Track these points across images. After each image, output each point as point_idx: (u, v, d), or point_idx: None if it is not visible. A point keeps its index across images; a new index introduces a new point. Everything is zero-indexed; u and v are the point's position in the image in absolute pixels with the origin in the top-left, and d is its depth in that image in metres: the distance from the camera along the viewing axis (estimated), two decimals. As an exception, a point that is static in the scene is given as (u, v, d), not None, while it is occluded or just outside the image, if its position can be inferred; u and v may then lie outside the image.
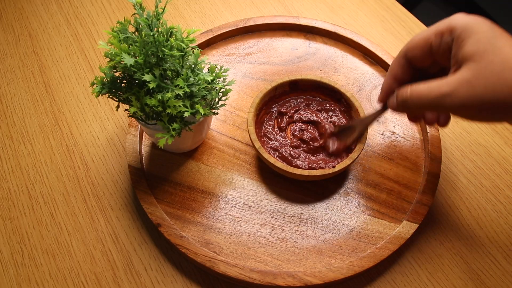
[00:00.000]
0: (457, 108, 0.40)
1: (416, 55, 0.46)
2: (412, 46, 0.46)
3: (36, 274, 0.54)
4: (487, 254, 0.54)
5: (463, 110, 0.41)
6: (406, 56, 0.47)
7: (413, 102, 0.44)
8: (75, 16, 0.76)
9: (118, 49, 0.47)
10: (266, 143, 0.58)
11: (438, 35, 0.43)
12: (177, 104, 0.48)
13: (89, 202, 0.58)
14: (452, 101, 0.40)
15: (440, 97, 0.41)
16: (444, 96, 0.41)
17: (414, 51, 0.46)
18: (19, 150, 0.62)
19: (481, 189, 0.59)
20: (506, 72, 0.38)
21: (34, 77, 0.69)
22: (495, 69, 0.38)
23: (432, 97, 0.42)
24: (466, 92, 0.39)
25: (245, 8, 0.77)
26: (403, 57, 0.47)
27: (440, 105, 0.41)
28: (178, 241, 0.52)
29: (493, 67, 0.38)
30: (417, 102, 0.43)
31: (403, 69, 0.48)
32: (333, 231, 0.55)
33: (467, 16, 0.42)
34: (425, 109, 0.44)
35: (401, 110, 0.47)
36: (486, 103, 0.39)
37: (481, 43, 0.40)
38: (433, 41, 0.44)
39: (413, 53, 0.46)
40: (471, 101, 0.39)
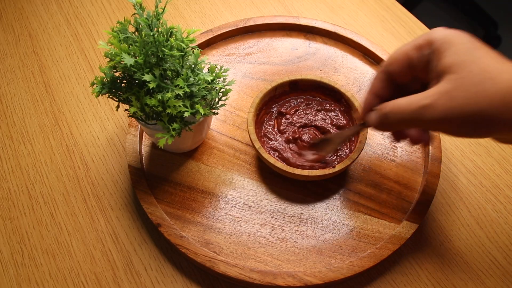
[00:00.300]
0: (437, 121, 0.39)
1: (396, 70, 0.45)
2: (391, 61, 0.45)
3: (36, 274, 0.54)
4: (487, 254, 0.54)
5: (444, 123, 0.40)
6: (386, 72, 0.46)
7: (393, 116, 0.43)
8: (75, 16, 0.76)
9: (118, 49, 0.47)
10: (266, 143, 0.58)
11: (417, 49, 0.43)
12: (177, 104, 0.48)
13: (89, 202, 0.58)
14: (432, 114, 0.39)
15: (420, 110, 0.40)
16: (424, 109, 0.40)
17: (393, 66, 0.45)
18: (19, 150, 0.62)
19: (481, 189, 0.59)
20: (485, 82, 0.37)
21: (34, 77, 0.69)
22: (475, 80, 0.38)
23: (412, 110, 0.41)
24: (446, 103, 0.39)
25: (245, 8, 0.77)
26: (383, 72, 0.46)
27: (420, 118, 0.40)
28: (178, 241, 0.52)
29: (473, 77, 0.38)
30: (397, 117, 0.42)
31: (383, 85, 0.47)
32: (333, 231, 0.55)
33: (446, 29, 0.41)
34: (405, 125, 0.43)
35: (381, 126, 0.45)
36: (467, 115, 0.38)
37: (460, 54, 0.39)
38: (412, 55, 0.43)
39: (393, 68, 0.45)
40: (451, 113, 0.38)
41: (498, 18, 1.69)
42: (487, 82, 0.37)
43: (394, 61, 0.45)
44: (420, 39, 0.43)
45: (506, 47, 1.69)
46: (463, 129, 0.40)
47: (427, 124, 0.41)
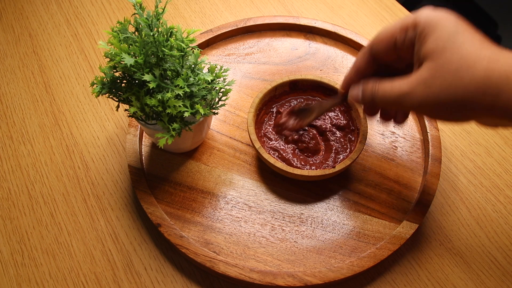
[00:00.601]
0: (416, 107, 0.41)
1: (380, 50, 0.45)
2: (377, 41, 0.45)
3: (36, 274, 0.54)
4: (487, 254, 0.54)
5: (421, 109, 0.41)
6: (371, 50, 0.46)
7: (378, 98, 0.44)
8: (75, 16, 0.76)
9: (118, 49, 0.47)
10: (266, 143, 0.58)
11: (402, 30, 0.42)
12: (177, 104, 0.48)
13: (89, 202, 0.58)
14: (411, 101, 0.40)
15: (400, 96, 0.41)
16: (404, 95, 0.41)
17: (379, 46, 0.45)
18: (19, 150, 0.62)
19: (481, 189, 0.59)
20: (462, 70, 0.37)
21: (34, 77, 0.69)
22: (451, 68, 0.38)
23: (394, 95, 0.42)
24: (423, 91, 0.39)
25: (245, 8, 0.77)
26: (368, 50, 0.47)
27: (400, 104, 0.42)
28: (178, 241, 0.52)
29: (450, 65, 0.38)
30: (381, 99, 0.44)
31: (367, 63, 0.47)
32: (333, 231, 0.55)
33: (432, 11, 0.41)
34: (388, 107, 0.45)
35: (364, 103, 0.47)
36: (442, 102, 0.39)
37: (441, 40, 0.39)
38: (398, 37, 0.43)
39: (378, 48, 0.45)
40: (427, 101, 0.39)
41: (498, 18, 1.69)
42: (464, 70, 0.37)
43: (380, 41, 0.45)
44: (406, 20, 0.42)
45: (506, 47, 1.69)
46: (440, 114, 0.41)
47: (407, 108, 0.43)
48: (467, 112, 0.39)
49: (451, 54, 0.38)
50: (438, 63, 0.39)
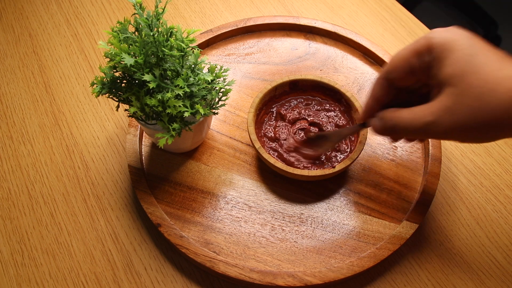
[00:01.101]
0: (442, 135, 0.41)
1: (396, 77, 0.45)
2: (392, 69, 0.45)
3: (36, 274, 0.54)
4: (487, 254, 0.54)
5: (448, 136, 0.41)
6: (387, 78, 0.46)
7: (399, 129, 0.44)
8: (75, 16, 0.76)
9: (118, 49, 0.47)
10: (266, 143, 0.58)
11: (417, 55, 0.42)
12: (177, 104, 0.48)
13: (89, 202, 0.58)
14: (437, 130, 0.40)
15: (425, 126, 0.41)
16: (428, 125, 0.40)
17: (394, 73, 0.45)
18: (19, 150, 0.62)
19: (481, 189, 0.59)
20: (485, 94, 0.37)
21: (34, 77, 0.69)
22: (475, 93, 0.38)
23: (417, 126, 0.41)
24: (448, 119, 0.39)
25: (245, 8, 0.77)
26: (384, 78, 0.46)
27: (425, 133, 0.42)
28: (178, 241, 0.52)
29: (472, 90, 0.38)
30: (404, 130, 0.43)
31: (384, 91, 0.47)
32: (333, 231, 0.55)
33: (445, 31, 0.41)
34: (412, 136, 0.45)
35: (386, 134, 0.47)
36: (469, 128, 0.39)
37: (459, 63, 0.39)
38: (413, 62, 0.43)
39: (394, 75, 0.45)
40: (454, 128, 0.39)
41: (498, 18, 1.69)
42: (487, 94, 0.37)
43: (395, 68, 0.45)
44: (419, 43, 0.42)
45: (506, 47, 1.69)
46: (468, 139, 0.41)
47: (433, 137, 0.43)
48: (494, 133, 0.39)
49: (471, 79, 0.38)
50: (460, 89, 0.38)
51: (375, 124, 0.47)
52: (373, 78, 0.67)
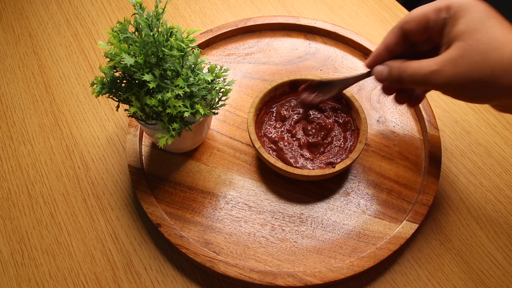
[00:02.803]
0: (443, 85, 0.42)
1: (412, 28, 0.47)
2: (409, 19, 0.47)
3: (36, 274, 0.54)
4: (487, 254, 0.54)
5: (448, 87, 0.42)
6: (402, 28, 0.48)
7: (406, 77, 0.46)
8: (75, 16, 0.76)
9: (118, 49, 0.47)
10: (266, 143, 0.58)
11: (435, 11, 0.44)
12: (177, 104, 0.48)
13: (89, 202, 0.58)
14: (438, 79, 0.42)
15: (429, 74, 0.43)
16: (432, 74, 0.43)
17: (411, 24, 0.47)
18: (19, 150, 0.62)
19: (481, 189, 0.59)
20: (490, 50, 0.39)
21: (34, 77, 0.69)
22: (480, 48, 0.40)
23: (422, 73, 0.43)
24: (451, 70, 0.41)
25: (245, 8, 0.77)
26: (399, 28, 0.48)
27: (428, 82, 0.43)
28: (178, 241, 0.52)
29: (479, 45, 0.40)
30: (409, 78, 0.45)
31: (397, 40, 0.49)
32: (333, 231, 0.55)
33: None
34: (414, 85, 0.46)
35: (391, 82, 0.48)
36: (469, 81, 0.40)
37: (472, 22, 0.41)
38: (430, 17, 0.45)
39: (410, 26, 0.47)
40: (455, 79, 0.41)
41: (498, 18, 1.69)
42: (492, 50, 0.39)
43: (412, 19, 0.47)
44: (440, 2, 0.44)
45: (506, 47, 1.69)
46: (465, 93, 0.42)
47: (434, 87, 0.44)
48: (491, 91, 0.40)
49: (481, 35, 0.40)
50: (468, 43, 0.40)
51: (381, 70, 0.49)
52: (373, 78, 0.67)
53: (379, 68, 0.49)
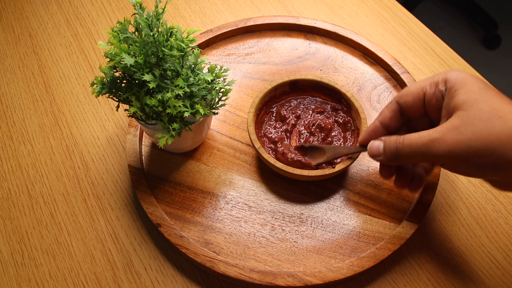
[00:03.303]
0: (445, 154, 0.41)
1: (408, 101, 0.46)
2: (406, 93, 0.47)
3: (36, 274, 0.54)
4: (487, 254, 0.54)
5: (451, 157, 0.41)
6: (398, 102, 0.48)
7: (404, 149, 0.44)
8: (75, 16, 0.76)
9: (118, 49, 0.47)
10: (266, 143, 0.58)
11: (433, 84, 0.44)
12: (177, 104, 0.48)
13: (89, 202, 0.58)
14: (440, 147, 0.41)
15: (429, 143, 0.42)
16: (433, 142, 0.41)
17: (407, 97, 0.47)
18: (19, 150, 0.62)
19: (481, 189, 0.59)
20: (493, 119, 0.39)
21: (34, 77, 0.69)
22: (483, 117, 0.39)
23: (421, 143, 0.42)
24: (454, 137, 0.40)
25: (245, 8, 0.77)
26: (395, 102, 0.48)
27: (429, 151, 0.42)
28: (178, 241, 0.52)
29: (481, 114, 0.39)
30: (407, 150, 0.44)
31: (392, 114, 0.48)
32: (333, 231, 0.55)
33: (461, 71, 0.44)
34: (414, 158, 0.44)
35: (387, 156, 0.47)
36: (473, 149, 0.39)
37: (472, 93, 0.41)
38: (427, 90, 0.45)
39: (406, 99, 0.47)
40: (458, 147, 0.40)
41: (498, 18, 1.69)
42: (496, 119, 0.39)
43: (408, 93, 0.46)
44: (436, 77, 0.44)
45: (506, 47, 1.69)
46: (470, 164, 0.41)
47: (435, 157, 0.42)
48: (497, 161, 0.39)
49: (482, 105, 0.40)
50: (470, 112, 0.40)
51: (377, 145, 0.48)
52: (373, 78, 0.67)
53: (375, 143, 0.48)
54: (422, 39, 0.73)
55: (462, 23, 1.75)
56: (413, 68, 0.70)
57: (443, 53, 0.71)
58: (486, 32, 1.69)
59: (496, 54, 1.68)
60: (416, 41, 0.73)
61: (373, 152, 0.48)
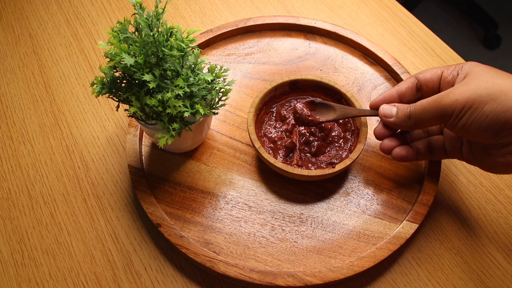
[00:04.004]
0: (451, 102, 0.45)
1: (427, 76, 0.52)
2: (425, 71, 0.52)
3: (36, 274, 0.54)
4: (487, 254, 0.54)
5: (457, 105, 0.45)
6: (417, 77, 0.52)
7: (416, 110, 0.49)
8: (75, 16, 0.76)
9: (118, 49, 0.47)
10: (266, 143, 0.58)
11: (449, 67, 0.50)
12: (177, 104, 0.48)
13: (89, 202, 0.58)
14: (448, 97, 0.45)
15: (438, 98, 0.46)
16: (442, 96, 0.46)
17: (426, 73, 0.52)
18: (19, 150, 0.62)
19: (481, 189, 0.59)
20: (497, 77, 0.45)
21: (34, 77, 0.69)
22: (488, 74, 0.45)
23: (432, 99, 0.47)
24: (460, 88, 0.45)
25: (245, 8, 0.77)
26: (414, 77, 0.53)
27: (438, 105, 0.46)
28: (178, 241, 0.52)
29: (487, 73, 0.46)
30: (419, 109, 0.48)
31: (409, 86, 0.52)
32: (333, 231, 0.55)
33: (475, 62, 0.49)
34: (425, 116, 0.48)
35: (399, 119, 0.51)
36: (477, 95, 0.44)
37: (481, 69, 0.47)
38: (445, 70, 0.51)
39: (425, 74, 0.52)
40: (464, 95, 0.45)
41: (498, 18, 1.69)
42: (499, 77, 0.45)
43: (429, 70, 0.52)
44: (453, 64, 0.51)
45: (506, 47, 1.69)
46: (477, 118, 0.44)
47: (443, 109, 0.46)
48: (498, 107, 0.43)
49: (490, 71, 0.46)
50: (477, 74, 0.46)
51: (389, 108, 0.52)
52: (373, 78, 0.67)
53: (387, 105, 0.52)
54: (422, 39, 0.73)
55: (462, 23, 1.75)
56: (413, 68, 0.70)
57: (443, 53, 0.71)
58: (486, 32, 1.69)
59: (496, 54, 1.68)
60: (416, 41, 0.73)
61: (385, 112, 0.52)
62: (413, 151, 0.53)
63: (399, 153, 0.53)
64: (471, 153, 0.51)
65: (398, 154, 0.53)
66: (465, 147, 0.52)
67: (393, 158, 0.53)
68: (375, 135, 0.54)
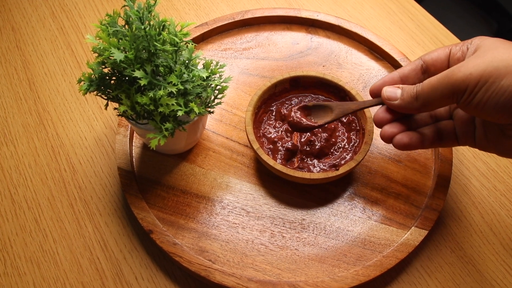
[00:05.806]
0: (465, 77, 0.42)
1: (433, 56, 0.49)
2: (432, 51, 0.50)
3: (20, 284, 0.54)
4: (502, 262, 0.54)
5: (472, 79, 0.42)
6: (422, 58, 0.50)
7: (424, 89, 0.46)
8: (61, 8, 0.76)
9: (107, 44, 0.47)
10: (265, 144, 0.58)
11: (458, 45, 0.48)
12: (170, 102, 0.48)
13: (76, 207, 0.58)
14: (460, 71, 0.43)
15: (449, 73, 0.44)
16: (453, 70, 0.43)
17: (432, 53, 0.50)
18: (1, 151, 0.62)
19: (495, 193, 0.59)
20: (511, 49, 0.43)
21: (17, 73, 0.69)
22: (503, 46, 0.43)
23: (442, 75, 0.44)
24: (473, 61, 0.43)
25: (243, 0, 0.77)
26: (419, 59, 0.50)
27: (448, 80, 0.44)
28: (171, 248, 0.52)
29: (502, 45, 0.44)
30: (427, 87, 0.46)
31: (413, 68, 0.50)
32: (337, 238, 0.55)
33: None
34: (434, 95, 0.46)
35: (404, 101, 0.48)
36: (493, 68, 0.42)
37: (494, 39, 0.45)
38: (452, 48, 0.49)
39: (431, 54, 0.50)
40: (478, 68, 0.42)
41: (513, 10, 1.69)
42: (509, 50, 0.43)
43: (434, 50, 0.50)
44: (461, 42, 0.49)
45: (521, 41, 1.70)
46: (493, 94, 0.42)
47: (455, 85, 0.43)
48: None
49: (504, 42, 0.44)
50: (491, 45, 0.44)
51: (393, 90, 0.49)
52: (380, 74, 0.67)
53: (390, 87, 0.50)
54: (431, 32, 0.73)
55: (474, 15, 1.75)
56: (422, 64, 0.70)
57: (454, 47, 0.71)
58: (500, 25, 1.69)
59: (510, 48, 1.68)
60: (425, 34, 0.73)
61: (388, 95, 0.49)
62: (418, 137, 0.49)
63: (400, 140, 0.49)
64: (485, 138, 0.48)
65: (400, 141, 0.49)
66: (479, 131, 0.49)
67: (395, 147, 0.49)
68: (375, 121, 0.51)
